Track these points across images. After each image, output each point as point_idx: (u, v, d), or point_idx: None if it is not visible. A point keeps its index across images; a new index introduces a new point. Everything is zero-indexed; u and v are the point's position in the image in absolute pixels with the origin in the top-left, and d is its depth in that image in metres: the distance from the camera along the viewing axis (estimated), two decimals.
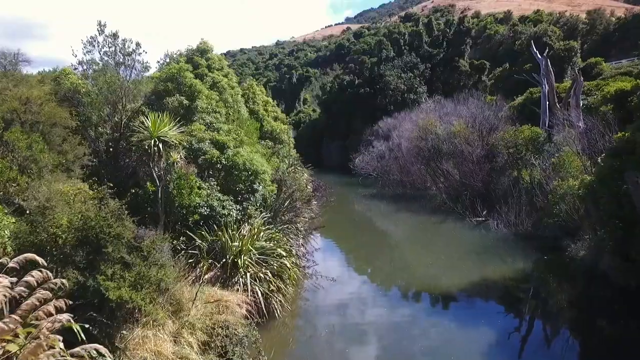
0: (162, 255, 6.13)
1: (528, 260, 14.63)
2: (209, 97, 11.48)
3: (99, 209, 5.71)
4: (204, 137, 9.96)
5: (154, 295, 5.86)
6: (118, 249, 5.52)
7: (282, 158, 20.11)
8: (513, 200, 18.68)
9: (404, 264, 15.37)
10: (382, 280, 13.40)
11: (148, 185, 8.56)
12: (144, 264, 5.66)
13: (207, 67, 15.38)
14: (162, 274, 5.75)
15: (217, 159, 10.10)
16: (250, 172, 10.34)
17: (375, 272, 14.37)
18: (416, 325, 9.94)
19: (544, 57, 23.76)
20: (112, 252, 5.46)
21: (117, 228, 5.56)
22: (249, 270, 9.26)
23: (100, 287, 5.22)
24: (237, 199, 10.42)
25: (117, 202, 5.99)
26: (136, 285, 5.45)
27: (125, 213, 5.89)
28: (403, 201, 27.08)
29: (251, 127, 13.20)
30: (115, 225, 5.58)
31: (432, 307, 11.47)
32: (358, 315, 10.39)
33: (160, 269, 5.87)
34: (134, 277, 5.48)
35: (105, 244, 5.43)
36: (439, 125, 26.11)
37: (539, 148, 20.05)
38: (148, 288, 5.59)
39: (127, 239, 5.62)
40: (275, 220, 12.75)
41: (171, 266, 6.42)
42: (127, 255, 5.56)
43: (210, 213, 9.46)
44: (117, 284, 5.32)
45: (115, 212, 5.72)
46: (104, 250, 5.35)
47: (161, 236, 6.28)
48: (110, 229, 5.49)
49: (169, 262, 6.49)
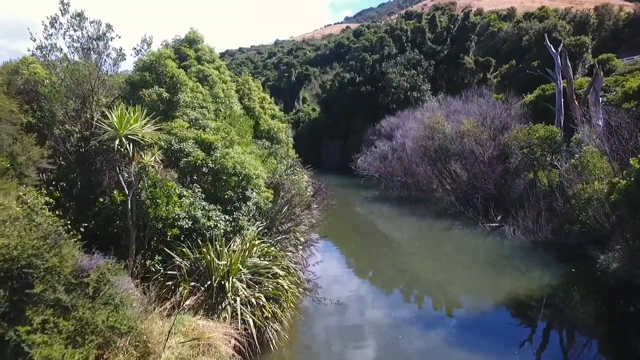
0: (119, 289, 4.64)
1: (550, 271, 13.18)
2: (194, 90, 10.01)
3: (28, 231, 4.23)
4: (187, 135, 8.48)
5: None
6: (52, 287, 4.04)
7: (280, 159, 18.64)
8: (530, 205, 17.24)
9: (416, 277, 13.85)
10: (395, 302, 11.80)
11: (115, 194, 7.08)
12: (90, 305, 4.19)
13: (196, 59, 13.91)
14: (115, 318, 4.27)
15: (203, 162, 8.62)
16: (242, 176, 8.86)
17: (386, 287, 12.86)
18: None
19: (559, 51, 22.34)
20: (44, 293, 3.98)
21: (51, 259, 4.08)
22: (239, 294, 7.78)
23: (22, 343, 3.74)
24: (226, 208, 8.94)
25: (57, 220, 4.51)
26: (76, 337, 3.98)
27: (67, 235, 4.42)
28: (407, 204, 25.64)
29: (245, 125, 11.73)
30: (50, 254, 4.10)
31: (460, 336, 10.01)
32: (368, 341, 8.91)
33: (114, 311, 4.39)
34: (73, 326, 4.01)
35: (34, 281, 3.95)
36: (446, 124, 24.67)
37: (556, 148, 18.60)
38: (94, 340, 4.11)
39: (66, 273, 4.14)
40: (271, 230, 11.28)
41: (131, 303, 4.92)
42: (65, 295, 4.08)
43: (193, 226, 7.97)
44: (48, 337, 3.84)
45: (51, 235, 4.24)
46: (29, 291, 3.87)
47: (115, 265, 4.77)
48: (41, 261, 4.01)
49: (130, 296, 4.99)
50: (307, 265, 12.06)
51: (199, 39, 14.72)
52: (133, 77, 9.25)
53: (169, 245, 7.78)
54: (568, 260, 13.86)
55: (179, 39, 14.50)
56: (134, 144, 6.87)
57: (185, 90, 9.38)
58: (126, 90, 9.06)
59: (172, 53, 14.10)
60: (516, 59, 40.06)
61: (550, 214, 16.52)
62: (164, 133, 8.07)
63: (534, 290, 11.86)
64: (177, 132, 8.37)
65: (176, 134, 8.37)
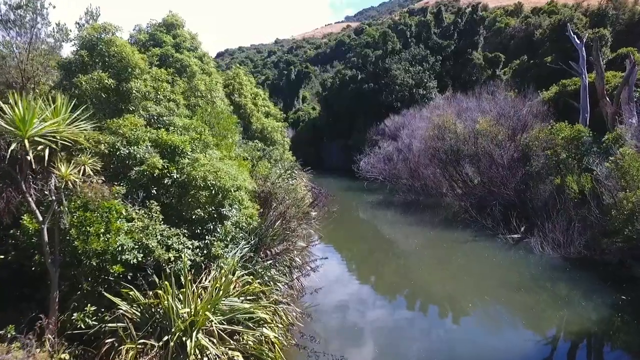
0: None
1: (594, 298, 11.04)
2: (158, 79, 7.90)
3: None
4: (141, 136, 6.39)
5: None
6: None
7: (275, 162, 16.54)
8: (558, 215, 15.09)
9: (440, 305, 11.63)
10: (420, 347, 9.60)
11: (25, 220, 4.99)
12: None
13: (174, 46, 11.81)
14: None
15: (164, 172, 6.52)
16: (215, 189, 6.76)
17: (406, 326, 10.46)
18: None
19: (584, 42, 20.21)
20: None
21: None
22: (207, 353, 5.68)
23: None
24: (196, 232, 6.84)
25: None
26: None
27: None
28: (415, 210, 23.53)
29: (228, 122, 9.62)
30: None
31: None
32: None
33: None
34: None
35: None
36: (458, 123, 22.54)
37: (585, 150, 16.46)
38: None
39: None
40: (258, 253, 9.17)
41: None
42: None
43: (146, 259, 5.88)
44: None
45: None
46: None
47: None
48: None
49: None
50: (302, 294, 9.97)
51: (179, 24, 12.61)
52: (68, 58, 7.12)
53: (110, 288, 5.68)
54: (613, 282, 11.76)
55: (155, 23, 12.41)
56: (51, 150, 4.76)
57: (139, 77, 7.23)
58: (61, 76, 6.93)
59: (147, 39, 12.04)
60: (527, 55, 37.95)
61: (584, 225, 14.38)
62: (106, 133, 5.98)
63: (582, 324, 9.72)
64: (125, 132, 6.26)
65: (124, 134, 6.26)
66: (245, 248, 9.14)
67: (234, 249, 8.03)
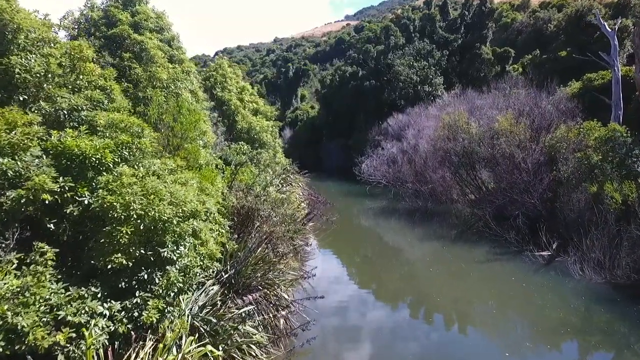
0: None
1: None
2: (73, 55, 5.49)
3: None
4: (20, 141, 4.03)
5: None
6: None
7: (264, 168, 14.17)
8: (598, 230, 12.73)
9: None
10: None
11: None
12: None
13: (132, 26, 9.45)
14: None
15: (64, 195, 4.16)
16: (148, 222, 4.39)
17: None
18: None
19: (616, 29, 17.83)
20: None
21: None
22: None
23: None
24: (120, 286, 4.47)
25: None
26: None
27: None
28: (423, 219, 21.17)
29: (190, 119, 7.23)
30: None
31: None
32: None
33: None
34: None
35: None
36: (472, 121, 20.19)
37: (626, 152, 14.09)
38: None
39: None
40: (233, 288, 6.81)
41: None
42: None
43: (12, 349, 3.50)
44: None
45: None
46: None
47: None
48: None
49: None
50: (292, 351, 7.60)
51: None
52: None
53: None
54: None
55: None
56: None
57: (37, 49, 4.78)
58: None
59: (99, 17, 9.70)
60: (540, 49, 35.61)
61: (632, 244, 12.02)
62: None
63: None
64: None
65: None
66: (212, 290, 6.77)
67: (191, 296, 5.67)
